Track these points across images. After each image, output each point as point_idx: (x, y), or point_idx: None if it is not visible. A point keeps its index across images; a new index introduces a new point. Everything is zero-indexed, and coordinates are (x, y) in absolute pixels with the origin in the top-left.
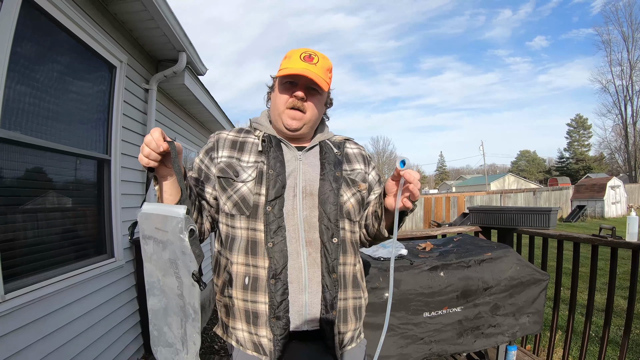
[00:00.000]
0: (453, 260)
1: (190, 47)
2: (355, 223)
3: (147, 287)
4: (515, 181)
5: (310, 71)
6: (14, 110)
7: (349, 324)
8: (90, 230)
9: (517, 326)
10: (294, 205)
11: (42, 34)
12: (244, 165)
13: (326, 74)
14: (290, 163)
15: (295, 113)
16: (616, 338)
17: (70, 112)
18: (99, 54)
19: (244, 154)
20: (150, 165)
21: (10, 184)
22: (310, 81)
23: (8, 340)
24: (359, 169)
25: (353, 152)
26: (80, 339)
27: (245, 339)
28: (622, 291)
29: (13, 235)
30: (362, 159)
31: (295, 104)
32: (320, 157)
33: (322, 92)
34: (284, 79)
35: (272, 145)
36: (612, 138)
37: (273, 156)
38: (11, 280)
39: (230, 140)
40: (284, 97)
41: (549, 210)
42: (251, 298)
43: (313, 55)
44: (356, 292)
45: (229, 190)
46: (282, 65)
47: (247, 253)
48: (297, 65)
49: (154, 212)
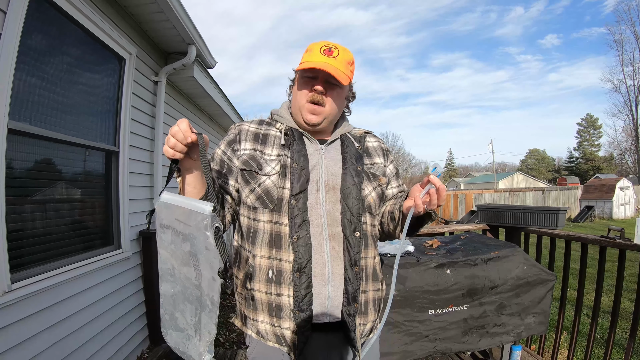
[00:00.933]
0: (460, 258)
1: (200, 40)
2: (375, 216)
3: (160, 272)
4: (524, 180)
5: (330, 65)
6: (24, 101)
7: (369, 315)
8: (98, 221)
9: (522, 326)
10: (317, 199)
11: (51, 26)
12: (267, 158)
13: (347, 67)
14: (312, 157)
15: (315, 108)
16: (621, 341)
17: (79, 104)
18: (109, 46)
19: (266, 147)
20: (175, 157)
21: (19, 175)
22: (329, 75)
23: (15, 329)
24: (379, 162)
25: (373, 145)
26: (86, 329)
27: (267, 331)
28: (629, 293)
29: (20, 225)
30: (381, 152)
31: (315, 98)
32: (342, 151)
33: (342, 86)
34: (304, 73)
35: (295, 138)
36: (623, 139)
37: (296, 150)
38: (18, 270)
39: (253, 133)
40: (304, 91)
41: (558, 210)
42: (275, 291)
43: (333, 48)
44: (375, 285)
45: (252, 183)
46: (302, 59)
47: (271, 246)
48: (317, 58)
49: (175, 204)
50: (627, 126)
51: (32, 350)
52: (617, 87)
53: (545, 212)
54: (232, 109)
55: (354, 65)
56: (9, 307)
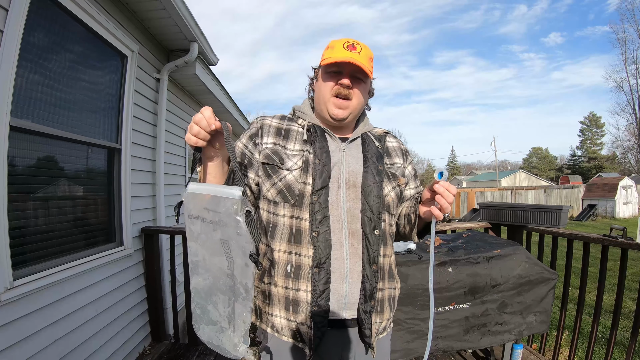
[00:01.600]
0: (462, 256)
1: (202, 37)
2: (392, 216)
3: (190, 266)
4: (527, 178)
5: (355, 59)
6: (26, 99)
7: (385, 313)
8: (100, 218)
9: (524, 325)
10: (338, 196)
11: (53, 23)
12: (290, 153)
13: (369, 63)
14: (334, 154)
15: (341, 102)
16: (623, 340)
17: (81, 101)
18: (111, 43)
19: (289, 142)
20: (198, 145)
21: (21, 172)
22: (356, 69)
23: (18, 325)
24: (399, 163)
25: (393, 145)
26: (88, 325)
27: (282, 326)
28: (631, 293)
29: (22, 222)
30: (401, 153)
31: (341, 92)
32: (363, 149)
33: (366, 80)
34: (329, 68)
35: (317, 135)
36: (625, 137)
37: (319, 146)
38: (20, 267)
39: (275, 127)
40: (330, 84)
41: (560, 208)
42: (293, 286)
43: (356, 44)
44: (391, 283)
45: (274, 177)
46: (325, 55)
47: (290, 241)
48: (341, 54)
49: (203, 192)
50: (630, 125)
51: (35, 346)
52: (620, 86)
53: (548, 210)
54: (234, 106)
55: (373, 61)
56: (12, 303)
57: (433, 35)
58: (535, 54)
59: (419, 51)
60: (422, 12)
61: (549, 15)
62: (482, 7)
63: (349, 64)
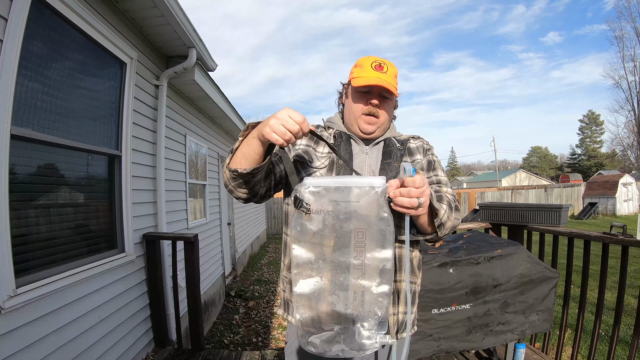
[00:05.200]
0: (463, 257)
1: (200, 43)
2: None
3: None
4: (527, 177)
5: (383, 80)
6: (26, 107)
7: (401, 305)
8: (102, 225)
9: (526, 324)
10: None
11: (52, 32)
12: (319, 154)
13: (395, 80)
14: (357, 156)
15: (370, 119)
16: (626, 337)
17: (81, 108)
18: (109, 51)
19: (319, 146)
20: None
21: (23, 180)
22: (383, 89)
23: (21, 332)
24: (419, 159)
25: (415, 145)
26: (91, 332)
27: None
28: (632, 290)
29: (25, 230)
30: (422, 150)
31: (371, 111)
32: (383, 151)
33: (392, 98)
34: (360, 88)
35: (343, 139)
36: (625, 134)
37: (343, 148)
38: (23, 274)
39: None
40: (360, 105)
41: (560, 207)
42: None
43: (383, 64)
44: (412, 277)
45: (303, 174)
46: (354, 74)
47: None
48: (370, 74)
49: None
50: (629, 122)
51: (38, 353)
52: (619, 83)
53: (548, 209)
54: (233, 111)
55: (397, 77)
56: (15, 311)
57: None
58: (534, 53)
59: (419, 53)
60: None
61: (548, 14)
62: (480, 7)
63: (378, 85)
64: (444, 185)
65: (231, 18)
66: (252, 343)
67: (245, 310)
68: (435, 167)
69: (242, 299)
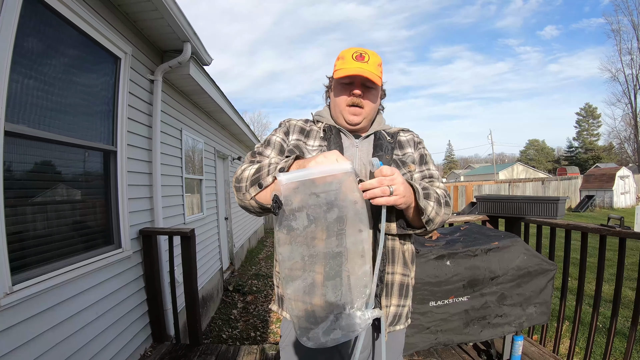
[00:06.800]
0: (459, 249)
1: (195, 37)
2: None
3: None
4: (524, 170)
5: (364, 69)
6: (20, 103)
7: (393, 298)
8: (98, 221)
9: (524, 316)
10: None
11: (45, 27)
12: (310, 148)
13: (378, 69)
14: (348, 149)
15: (354, 109)
16: (624, 329)
17: (76, 104)
18: (103, 45)
19: (309, 139)
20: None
21: (18, 177)
22: (365, 79)
23: (18, 330)
24: (410, 152)
25: (406, 138)
26: (89, 328)
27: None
28: (630, 282)
29: (20, 227)
30: (413, 143)
31: (354, 102)
32: (374, 144)
33: (376, 87)
34: (341, 80)
35: (333, 133)
36: (622, 127)
37: (334, 142)
38: (19, 271)
39: (299, 127)
40: (343, 96)
41: (557, 199)
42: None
43: (364, 53)
44: (404, 270)
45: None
46: (337, 66)
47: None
48: (351, 65)
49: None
50: (626, 115)
51: (36, 350)
52: (616, 76)
53: (545, 202)
54: (229, 105)
55: (382, 66)
56: (12, 308)
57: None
58: (531, 47)
59: (417, 47)
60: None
61: (545, 8)
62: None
63: (359, 75)
64: (435, 180)
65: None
66: (250, 337)
67: (244, 305)
68: (427, 161)
69: (240, 294)
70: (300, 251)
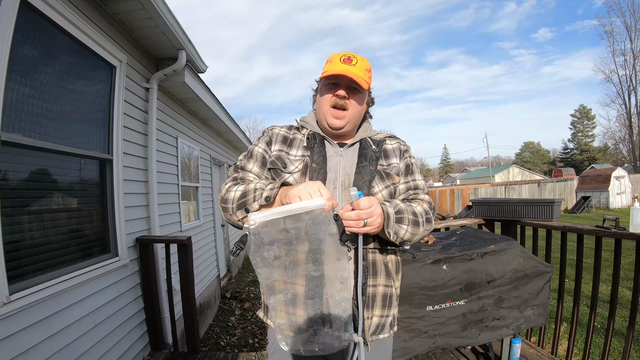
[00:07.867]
0: (456, 253)
1: (190, 45)
2: None
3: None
4: (520, 173)
5: (350, 71)
6: (16, 113)
7: (376, 309)
8: (94, 229)
9: (521, 319)
10: (334, 197)
11: (40, 36)
12: (292, 158)
13: (365, 74)
14: (331, 158)
15: (337, 112)
16: (621, 329)
17: (71, 113)
18: (98, 54)
19: (292, 149)
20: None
21: (14, 186)
22: (350, 80)
23: (15, 340)
24: (395, 163)
25: (392, 147)
26: (86, 337)
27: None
28: (627, 282)
29: (17, 236)
30: (399, 153)
31: (338, 102)
32: (359, 153)
33: (362, 91)
34: (327, 80)
35: (316, 141)
36: (616, 128)
37: (317, 151)
38: (16, 281)
39: (282, 136)
40: (327, 96)
41: (552, 201)
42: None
43: (352, 57)
44: (387, 281)
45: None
46: (324, 69)
47: None
48: (338, 67)
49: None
50: (621, 116)
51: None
52: (610, 77)
53: (540, 204)
54: (224, 112)
55: (371, 72)
56: (9, 317)
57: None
58: (526, 49)
59: (411, 51)
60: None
61: (538, 11)
62: (472, 5)
63: (344, 76)
64: (420, 191)
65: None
66: (248, 344)
67: (241, 312)
68: (413, 171)
69: (237, 301)
70: (279, 272)
